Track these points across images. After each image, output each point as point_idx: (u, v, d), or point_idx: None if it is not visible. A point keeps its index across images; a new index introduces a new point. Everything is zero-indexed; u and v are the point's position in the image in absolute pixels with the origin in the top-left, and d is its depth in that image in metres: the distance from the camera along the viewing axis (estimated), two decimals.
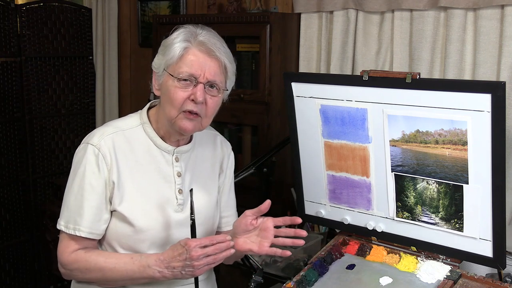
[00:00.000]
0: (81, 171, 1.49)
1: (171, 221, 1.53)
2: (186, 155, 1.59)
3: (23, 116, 3.57)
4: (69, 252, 1.49)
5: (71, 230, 1.48)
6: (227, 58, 1.48)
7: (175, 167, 1.56)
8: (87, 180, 1.48)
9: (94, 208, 1.48)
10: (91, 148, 1.48)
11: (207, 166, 1.65)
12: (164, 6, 3.47)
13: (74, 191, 1.50)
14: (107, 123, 1.59)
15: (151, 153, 1.54)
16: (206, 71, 1.44)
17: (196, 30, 1.48)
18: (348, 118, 1.77)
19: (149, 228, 1.49)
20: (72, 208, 1.50)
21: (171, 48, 1.46)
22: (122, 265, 1.45)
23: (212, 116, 1.52)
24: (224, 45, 1.49)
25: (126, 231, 1.49)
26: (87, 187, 1.48)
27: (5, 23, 3.41)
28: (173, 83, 1.45)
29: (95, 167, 1.47)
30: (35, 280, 3.75)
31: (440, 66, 2.31)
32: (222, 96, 1.51)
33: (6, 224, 3.55)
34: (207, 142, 1.67)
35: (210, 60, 1.45)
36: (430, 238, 1.73)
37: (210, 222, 1.64)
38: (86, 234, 1.49)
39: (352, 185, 1.86)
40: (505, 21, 2.09)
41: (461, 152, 1.59)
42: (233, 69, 1.52)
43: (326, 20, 2.61)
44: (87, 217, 1.48)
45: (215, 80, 1.46)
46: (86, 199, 1.48)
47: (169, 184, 1.54)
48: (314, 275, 1.71)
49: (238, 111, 2.67)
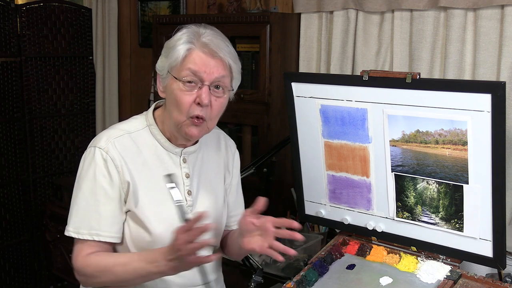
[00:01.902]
0: (91, 175, 1.46)
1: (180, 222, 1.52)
2: (193, 156, 1.58)
3: (23, 116, 3.57)
4: (82, 257, 1.46)
5: (86, 235, 1.45)
6: (231, 58, 1.46)
7: (183, 168, 1.55)
8: (98, 184, 1.46)
9: (111, 211, 1.46)
10: (98, 152, 1.47)
11: (213, 166, 1.64)
12: (164, 6, 3.47)
13: (85, 196, 1.47)
14: (112, 126, 1.57)
15: (158, 155, 1.53)
16: (211, 72, 1.43)
17: (199, 30, 1.46)
18: (348, 118, 1.77)
19: (163, 230, 1.47)
20: (84, 213, 1.47)
21: (174, 50, 1.45)
22: (132, 264, 1.42)
23: (217, 118, 1.51)
24: (228, 44, 1.48)
25: (140, 233, 1.48)
26: (100, 191, 1.45)
27: (5, 23, 3.41)
28: (178, 86, 1.44)
29: (105, 170, 1.46)
30: (35, 280, 3.75)
31: (440, 66, 2.31)
32: (227, 96, 1.50)
33: (6, 224, 3.56)
34: (212, 142, 1.66)
35: (214, 61, 1.43)
36: (430, 238, 1.73)
37: (218, 222, 1.64)
38: (106, 238, 1.46)
39: (352, 185, 1.86)
40: (505, 21, 2.09)
41: (461, 152, 1.59)
42: (238, 68, 1.50)
43: (326, 20, 2.61)
44: (105, 221, 1.46)
45: (220, 81, 1.45)
46: (102, 203, 1.46)
47: (178, 186, 1.52)
48: (314, 275, 1.71)
49: (238, 111, 2.67)
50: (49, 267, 3.64)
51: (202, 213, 1.32)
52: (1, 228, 3.52)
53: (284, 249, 1.45)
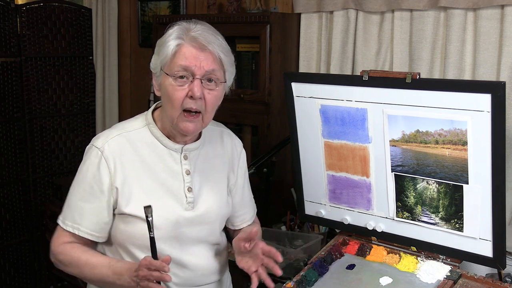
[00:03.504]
0: (84, 172, 1.51)
1: (181, 219, 1.53)
2: (194, 153, 1.59)
3: (23, 116, 3.57)
4: (58, 244, 1.53)
5: (69, 227, 1.52)
6: (221, 50, 1.46)
7: (183, 165, 1.56)
8: (88, 181, 1.50)
9: (95, 209, 1.50)
10: (95, 151, 1.50)
11: (216, 164, 1.65)
12: (164, 6, 3.47)
13: (75, 190, 1.53)
14: (114, 125, 1.60)
15: (157, 153, 1.54)
16: (201, 66, 1.43)
17: (189, 26, 1.47)
18: (348, 118, 1.77)
19: (159, 227, 1.47)
20: (73, 207, 1.53)
21: (165, 46, 1.46)
22: (99, 268, 1.48)
23: (213, 111, 1.52)
24: (218, 37, 1.48)
25: (137, 231, 1.49)
26: (88, 189, 1.50)
27: (5, 23, 3.41)
28: (170, 83, 1.45)
29: (96, 170, 1.49)
30: (35, 280, 3.75)
31: (440, 66, 2.31)
32: (221, 89, 1.50)
33: (6, 224, 3.56)
34: (215, 139, 1.66)
35: (204, 54, 1.44)
36: (430, 238, 1.73)
37: (222, 220, 1.65)
38: (85, 235, 1.51)
39: (352, 185, 1.86)
40: (505, 21, 2.09)
41: (461, 152, 1.59)
42: (230, 61, 1.50)
43: (326, 20, 2.61)
44: (87, 218, 1.50)
45: (211, 73, 1.45)
46: (87, 201, 1.50)
47: (178, 182, 1.54)
48: (314, 275, 1.71)
49: (238, 111, 2.67)
50: (49, 267, 3.63)
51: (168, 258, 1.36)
52: (1, 228, 3.52)
53: (265, 279, 1.55)
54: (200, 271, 1.58)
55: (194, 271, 1.57)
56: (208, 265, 1.60)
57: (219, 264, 1.65)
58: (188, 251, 1.55)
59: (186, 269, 1.55)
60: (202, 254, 1.59)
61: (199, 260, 1.58)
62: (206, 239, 1.60)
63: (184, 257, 1.54)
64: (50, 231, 3.43)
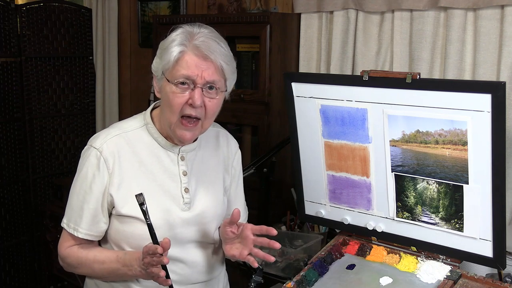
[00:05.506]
0: (83, 173, 1.52)
1: (177, 220, 1.53)
2: (191, 153, 1.59)
3: (23, 116, 3.57)
4: (65, 247, 1.55)
5: (71, 229, 1.53)
6: (223, 60, 1.46)
7: (180, 166, 1.56)
8: (88, 183, 1.50)
9: (93, 210, 1.51)
10: (93, 151, 1.50)
11: (212, 165, 1.65)
12: (164, 6, 3.47)
13: (76, 192, 1.53)
14: (112, 124, 1.60)
15: (155, 153, 1.54)
16: (202, 75, 1.43)
17: (193, 31, 1.46)
18: (348, 118, 1.77)
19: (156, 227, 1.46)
20: (74, 208, 1.54)
21: (168, 52, 1.45)
22: (108, 263, 1.50)
23: (213, 117, 1.52)
24: (222, 45, 1.47)
25: (134, 232, 1.50)
26: (87, 190, 1.51)
27: (5, 23, 3.41)
28: (170, 89, 1.45)
29: (96, 170, 1.49)
30: (35, 280, 3.75)
31: (440, 66, 2.31)
32: (221, 97, 1.51)
33: (6, 224, 3.56)
34: (211, 140, 1.67)
35: (206, 64, 1.43)
36: (430, 238, 1.73)
37: (218, 219, 1.64)
38: (83, 236, 1.53)
39: (352, 185, 1.86)
40: (505, 21, 2.09)
41: (461, 152, 1.59)
42: (231, 69, 1.50)
43: (326, 20, 2.61)
44: (85, 219, 1.52)
45: (212, 82, 1.45)
46: (86, 202, 1.51)
47: (175, 183, 1.55)
48: (314, 275, 1.71)
49: (238, 111, 2.67)
50: (49, 267, 3.64)
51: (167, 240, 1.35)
52: (1, 228, 3.53)
53: (263, 256, 1.49)
54: (197, 269, 1.59)
55: (191, 268, 1.58)
56: (205, 263, 1.61)
57: (216, 262, 1.66)
58: (186, 250, 1.57)
59: (184, 267, 1.56)
60: (199, 252, 1.60)
61: (196, 258, 1.59)
62: (203, 239, 1.60)
63: (181, 255, 1.55)
64: (50, 231, 3.46)
